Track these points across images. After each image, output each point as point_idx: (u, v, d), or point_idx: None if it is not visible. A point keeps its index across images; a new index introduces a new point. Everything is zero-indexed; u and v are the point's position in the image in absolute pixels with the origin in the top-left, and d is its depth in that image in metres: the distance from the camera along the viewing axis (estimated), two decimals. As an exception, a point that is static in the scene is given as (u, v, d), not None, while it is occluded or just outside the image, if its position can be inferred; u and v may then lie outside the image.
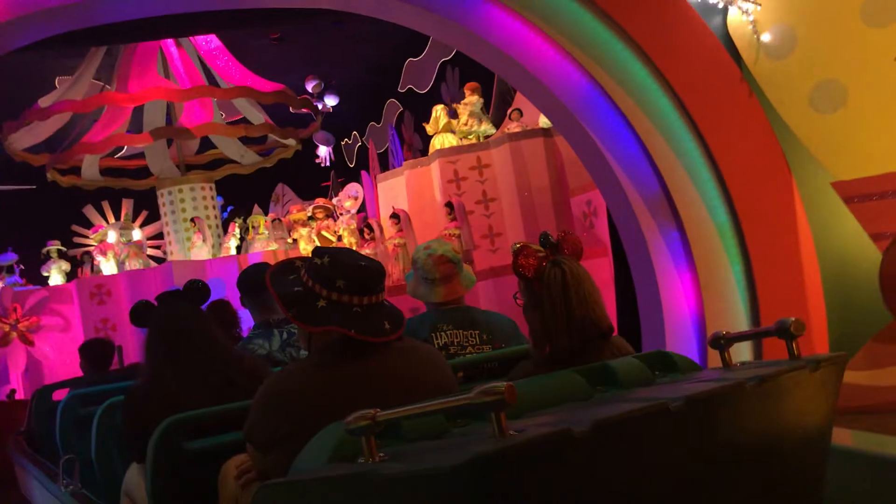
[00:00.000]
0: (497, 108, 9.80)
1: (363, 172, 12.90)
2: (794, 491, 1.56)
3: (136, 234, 12.60)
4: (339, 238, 9.95)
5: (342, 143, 18.56)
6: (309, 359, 1.97)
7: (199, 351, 2.58)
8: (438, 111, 9.21)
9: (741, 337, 1.78)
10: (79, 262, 12.01)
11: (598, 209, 7.46)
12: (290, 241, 10.93)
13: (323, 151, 13.56)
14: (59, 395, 4.62)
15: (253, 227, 11.40)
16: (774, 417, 1.49)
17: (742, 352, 4.32)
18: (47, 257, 11.98)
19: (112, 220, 13.24)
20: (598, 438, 1.16)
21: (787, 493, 1.54)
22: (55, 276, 11.87)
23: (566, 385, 1.60)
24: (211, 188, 12.64)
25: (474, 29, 4.83)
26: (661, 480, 1.30)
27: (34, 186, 14.16)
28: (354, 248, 9.53)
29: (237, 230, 11.38)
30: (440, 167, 8.41)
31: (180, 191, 12.41)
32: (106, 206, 13.30)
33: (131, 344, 8.74)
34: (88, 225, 12.84)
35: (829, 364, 1.56)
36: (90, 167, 11.90)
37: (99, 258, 11.78)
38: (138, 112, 11.43)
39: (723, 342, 1.73)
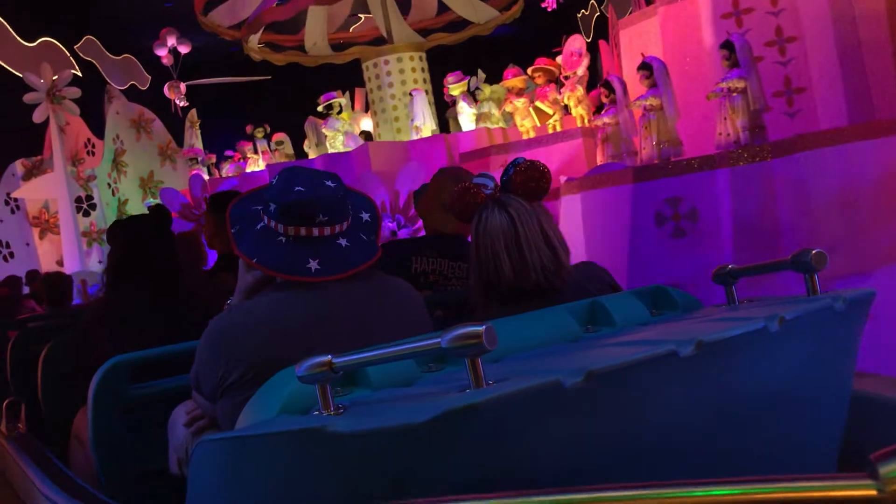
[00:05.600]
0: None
1: (601, 42, 10.53)
2: (811, 440, 1.37)
3: (367, 124, 11.62)
4: (566, 109, 7.72)
5: (577, 15, 16.41)
6: (260, 295, 1.71)
7: (149, 277, 2.51)
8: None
9: (751, 270, 1.50)
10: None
11: None
12: (498, 115, 8.96)
13: None
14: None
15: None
16: (793, 361, 1.28)
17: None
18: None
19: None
20: (591, 391, 0.99)
21: (803, 443, 1.35)
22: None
23: (551, 323, 1.42)
24: (421, 58, 11.07)
25: None
26: (663, 437, 1.12)
27: (269, 77, 14.55)
28: (585, 120, 7.27)
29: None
30: (712, -4, 5.82)
31: (386, 62, 10.97)
32: (339, 94, 12.60)
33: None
34: (322, 116, 12.20)
35: (854, 302, 1.34)
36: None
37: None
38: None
39: (728, 276, 1.50)
